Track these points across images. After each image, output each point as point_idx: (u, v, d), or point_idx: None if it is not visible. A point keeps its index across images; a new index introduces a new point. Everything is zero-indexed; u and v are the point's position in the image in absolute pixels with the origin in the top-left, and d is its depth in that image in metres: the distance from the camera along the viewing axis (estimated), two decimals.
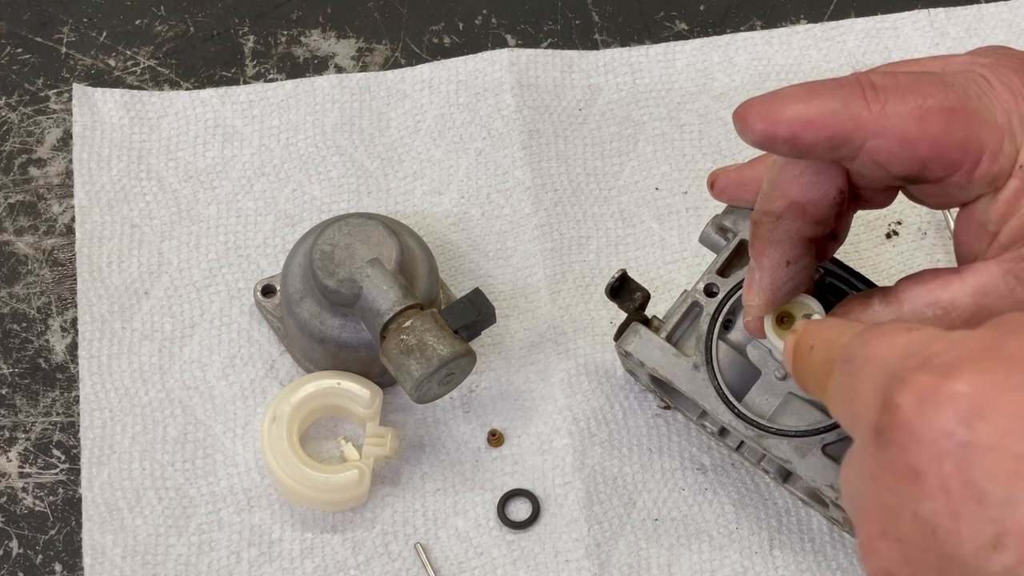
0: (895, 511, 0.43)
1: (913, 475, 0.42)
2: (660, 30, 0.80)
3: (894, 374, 0.43)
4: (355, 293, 0.65)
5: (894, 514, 0.43)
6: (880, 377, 0.44)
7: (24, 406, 0.70)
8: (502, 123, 0.77)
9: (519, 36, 0.80)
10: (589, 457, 0.69)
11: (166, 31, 0.80)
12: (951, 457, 0.41)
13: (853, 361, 0.46)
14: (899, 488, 0.43)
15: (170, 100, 0.77)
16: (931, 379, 0.42)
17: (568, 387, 0.70)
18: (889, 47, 0.79)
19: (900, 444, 0.42)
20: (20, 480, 0.69)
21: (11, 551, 0.67)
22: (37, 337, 0.72)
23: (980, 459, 0.41)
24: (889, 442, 0.43)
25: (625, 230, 0.74)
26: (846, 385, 0.47)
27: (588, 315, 0.72)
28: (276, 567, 0.67)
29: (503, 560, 0.67)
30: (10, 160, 0.76)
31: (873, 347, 0.46)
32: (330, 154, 0.76)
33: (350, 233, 0.67)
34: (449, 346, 0.63)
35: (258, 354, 0.71)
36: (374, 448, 0.67)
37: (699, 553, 0.67)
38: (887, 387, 0.43)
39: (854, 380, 0.46)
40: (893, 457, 0.43)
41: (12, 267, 0.74)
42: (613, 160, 0.76)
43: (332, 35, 0.80)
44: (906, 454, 0.42)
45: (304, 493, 0.66)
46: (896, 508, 0.43)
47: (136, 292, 0.72)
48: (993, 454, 0.40)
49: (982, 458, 0.41)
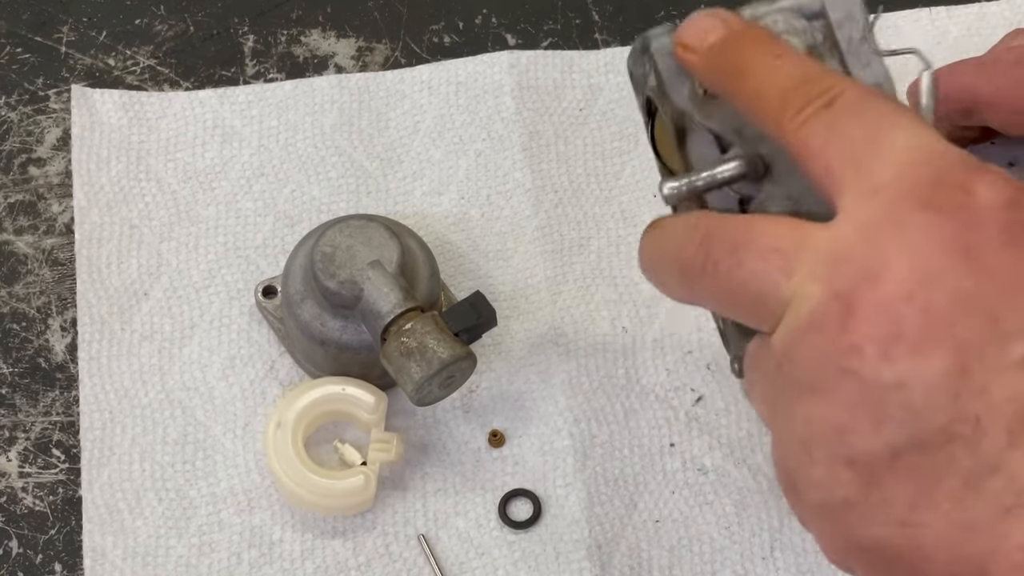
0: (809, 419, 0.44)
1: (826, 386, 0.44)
2: None
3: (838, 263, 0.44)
4: (356, 295, 0.65)
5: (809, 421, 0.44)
6: (817, 254, 0.44)
7: (24, 406, 0.70)
8: (502, 125, 0.76)
9: (519, 36, 0.80)
10: (590, 458, 0.69)
11: (166, 31, 0.80)
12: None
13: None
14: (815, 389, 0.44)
15: (169, 101, 0.77)
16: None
17: (569, 388, 0.70)
18: (890, 46, 0.79)
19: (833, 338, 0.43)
20: (20, 480, 0.69)
21: (11, 551, 0.67)
22: (37, 337, 0.72)
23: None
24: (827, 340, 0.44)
25: (626, 230, 0.74)
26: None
27: (589, 316, 0.72)
28: (277, 568, 0.67)
29: (504, 561, 0.67)
30: (10, 160, 0.76)
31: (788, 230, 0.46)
32: (329, 154, 0.76)
33: (351, 235, 0.67)
34: (449, 349, 0.63)
35: (258, 355, 0.71)
36: (379, 453, 0.67)
37: (700, 555, 0.67)
38: (830, 278, 0.44)
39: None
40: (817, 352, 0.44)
41: (12, 267, 0.74)
42: (614, 160, 0.76)
43: (332, 35, 0.80)
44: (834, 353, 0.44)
45: (310, 499, 0.66)
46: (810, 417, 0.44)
47: (135, 293, 0.72)
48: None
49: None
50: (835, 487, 0.43)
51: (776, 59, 0.48)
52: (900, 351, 0.42)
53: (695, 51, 0.51)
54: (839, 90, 0.46)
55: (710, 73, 0.51)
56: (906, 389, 0.42)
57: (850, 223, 0.44)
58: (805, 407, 0.44)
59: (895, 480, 0.42)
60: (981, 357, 0.41)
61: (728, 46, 0.50)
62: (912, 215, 0.43)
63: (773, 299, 0.45)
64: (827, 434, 0.43)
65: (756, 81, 0.48)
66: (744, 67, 0.48)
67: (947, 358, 0.41)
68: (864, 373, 0.42)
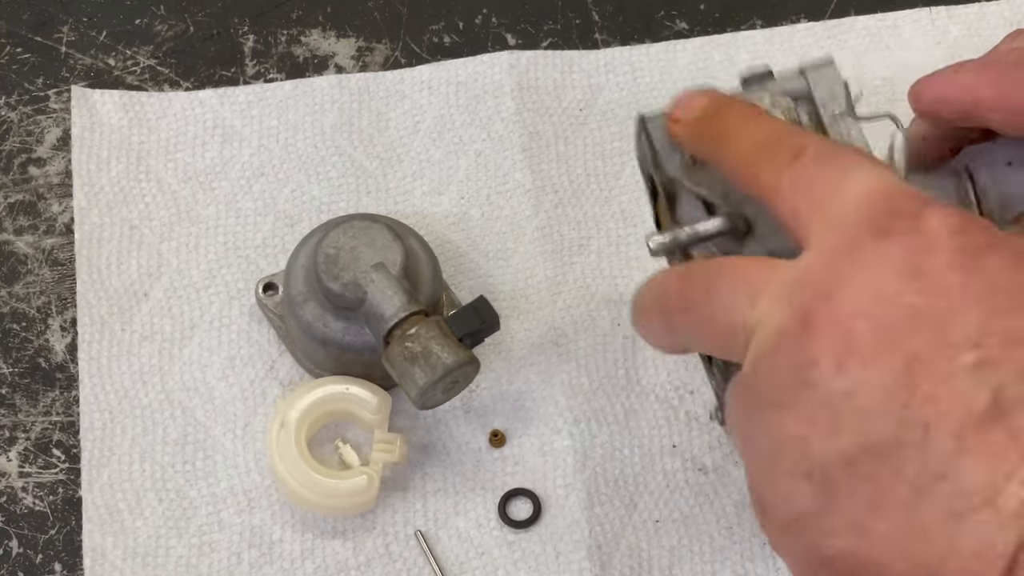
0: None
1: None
2: (661, 29, 0.80)
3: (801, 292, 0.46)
4: (359, 297, 0.65)
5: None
6: (782, 286, 0.47)
7: (24, 406, 0.70)
8: (502, 126, 0.76)
9: (519, 35, 0.80)
10: (590, 459, 0.69)
11: (166, 30, 0.80)
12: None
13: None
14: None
15: (168, 101, 0.77)
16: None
17: (569, 388, 0.70)
18: (890, 45, 0.79)
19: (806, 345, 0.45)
20: (20, 480, 0.69)
21: (11, 551, 0.67)
22: (37, 337, 0.72)
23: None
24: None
25: (627, 230, 0.74)
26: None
27: (589, 316, 0.72)
28: (277, 568, 0.67)
29: (504, 561, 0.67)
30: (10, 159, 0.76)
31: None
32: (329, 154, 0.76)
33: (355, 236, 0.67)
34: (454, 354, 0.63)
35: (258, 355, 0.71)
36: (383, 454, 0.67)
37: (700, 555, 0.67)
38: (794, 306, 0.46)
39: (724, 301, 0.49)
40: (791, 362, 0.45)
41: (12, 266, 0.74)
42: (614, 160, 0.76)
43: (332, 34, 0.80)
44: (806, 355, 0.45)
45: (313, 499, 0.66)
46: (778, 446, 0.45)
47: (135, 293, 0.72)
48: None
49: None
50: (796, 500, 0.44)
51: (751, 121, 0.53)
52: (853, 362, 0.43)
53: (683, 123, 0.55)
54: (806, 143, 0.50)
55: (695, 141, 0.55)
56: (858, 397, 0.43)
57: (812, 253, 0.47)
58: (770, 423, 0.45)
59: (850, 489, 0.43)
60: (930, 366, 0.42)
61: (711, 116, 0.54)
62: (868, 241, 0.45)
63: (741, 328, 0.47)
64: (789, 446, 0.45)
65: (734, 143, 0.52)
66: (724, 132, 0.53)
67: (897, 367, 0.43)
68: (820, 384, 0.44)
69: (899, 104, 0.75)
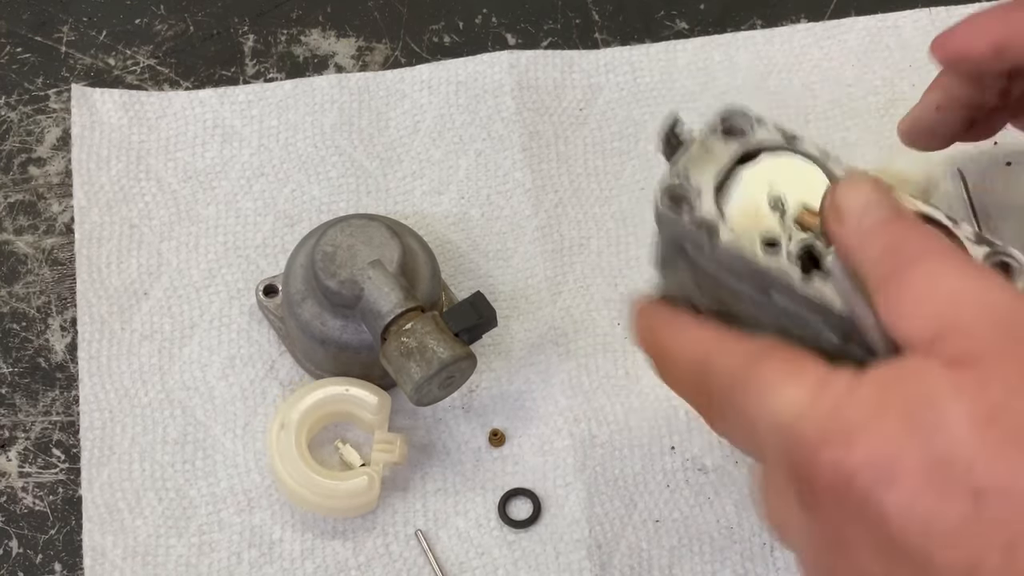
0: (832, 569, 0.45)
1: (842, 543, 0.44)
2: (660, 29, 0.80)
3: (795, 438, 0.45)
4: (356, 295, 0.65)
5: (832, 571, 0.45)
6: (778, 428, 0.46)
7: (24, 405, 0.70)
8: (502, 125, 0.76)
9: (519, 35, 0.80)
10: (590, 458, 0.69)
11: (166, 30, 0.80)
12: (871, 524, 0.42)
13: (737, 397, 0.49)
14: (833, 551, 0.45)
15: (169, 100, 0.77)
16: (837, 453, 0.43)
17: (569, 388, 0.70)
18: (890, 45, 0.79)
19: (825, 519, 0.44)
20: (20, 480, 0.69)
21: (11, 551, 0.67)
22: (37, 336, 0.72)
23: (898, 523, 0.42)
24: (814, 516, 0.45)
25: (626, 230, 0.74)
26: (739, 412, 0.48)
27: (589, 316, 0.72)
28: (277, 568, 0.67)
29: (504, 560, 0.67)
30: (10, 159, 0.76)
31: (760, 394, 0.47)
32: (329, 154, 0.76)
33: (352, 234, 0.67)
34: (449, 349, 0.63)
35: (258, 355, 0.71)
36: (383, 455, 0.67)
37: (700, 555, 0.67)
38: (790, 450, 0.45)
39: (746, 416, 0.48)
40: (818, 529, 0.45)
41: (12, 266, 0.74)
42: (614, 160, 0.76)
43: (332, 34, 0.80)
44: (831, 525, 0.44)
45: (314, 500, 0.65)
46: (832, 568, 0.45)
47: (135, 293, 0.72)
48: (906, 517, 0.42)
49: (899, 523, 0.42)
50: None
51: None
52: None
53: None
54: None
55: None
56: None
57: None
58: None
59: None
60: None
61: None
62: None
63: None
64: None
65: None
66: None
67: None
68: None
69: (899, 104, 0.76)
